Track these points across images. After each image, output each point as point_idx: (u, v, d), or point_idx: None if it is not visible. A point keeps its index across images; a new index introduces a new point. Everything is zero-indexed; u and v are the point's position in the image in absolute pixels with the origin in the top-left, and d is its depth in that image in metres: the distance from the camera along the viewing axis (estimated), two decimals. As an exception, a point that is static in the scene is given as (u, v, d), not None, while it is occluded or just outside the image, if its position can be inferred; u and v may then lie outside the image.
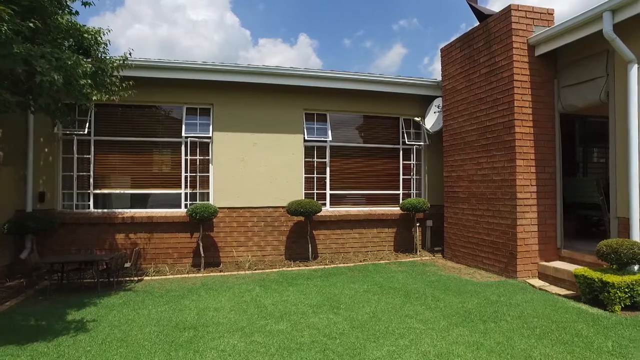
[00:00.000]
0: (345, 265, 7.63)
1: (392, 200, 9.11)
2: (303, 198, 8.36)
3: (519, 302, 5.01)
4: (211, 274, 7.05)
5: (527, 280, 6.06)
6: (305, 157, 8.60)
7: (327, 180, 8.75)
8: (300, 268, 7.43)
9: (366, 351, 3.66)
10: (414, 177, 9.21)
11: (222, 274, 7.07)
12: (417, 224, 8.84)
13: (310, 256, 7.98)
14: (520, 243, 6.17)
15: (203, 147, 8.08)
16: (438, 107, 8.57)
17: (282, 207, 8.10)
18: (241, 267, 7.53)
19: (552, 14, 6.49)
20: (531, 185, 6.24)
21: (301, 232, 8.20)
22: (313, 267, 7.44)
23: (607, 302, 4.70)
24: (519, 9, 6.35)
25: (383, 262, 7.84)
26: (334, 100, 8.66)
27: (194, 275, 6.94)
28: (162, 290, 5.87)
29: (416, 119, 8.97)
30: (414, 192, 9.20)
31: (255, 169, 8.14)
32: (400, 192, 9.14)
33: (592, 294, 4.91)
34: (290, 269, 7.39)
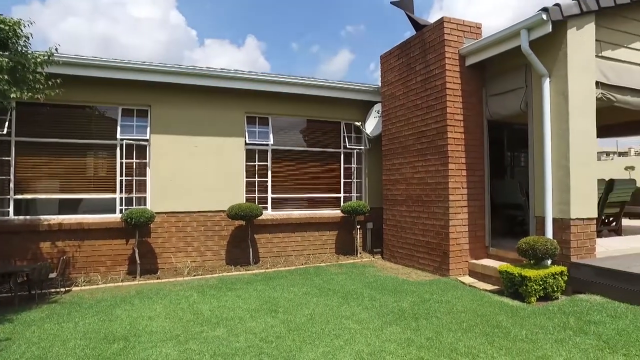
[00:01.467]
0: (287, 268, 7.64)
1: (334, 203, 9.26)
2: (244, 202, 8.29)
3: (449, 299, 5.28)
4: (148, 281, 6.79)
5: (458, 278, 6.40)
6: (246, 161, 8.53)
7: (269, 184, 8.73)
8: (240, 273, 7.34)
9: (302, 353, 3.70)
10: (355, 180, 9.43)
11: (159, 281, 6.83)
12: (358, 227, 9.05)
13: (251, 260, 7.91)
14: (453, 243, 6.51)
15: (140, 150, 7.77)
16: (378, 112, 8.84)
17: (223, 212, 7.98)
18: (180, 274, 7.32)
19: (480, 28, 6.93)
20: (462, 187, 6.61)
21: (242, 236, 8.12)
22: (254, 272, 7.39)
23: (525, 295, 5.08)
24: (451, 21, 6.72)
25: (324, 264, 7.95)
26: (276, 104, 8.67)
27: (128, 283, 6.65)
28: (92, 300, 5.57)
29: (356, 123, 9.19)
30: (355, 195, 9.41)
31: (196, 173, 7.95)
32: (342, 195, 9.32)
33: (513, 287, 5.28)
34: (230, 273, 7.29)
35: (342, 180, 9.35)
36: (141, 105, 7.74)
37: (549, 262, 5.48)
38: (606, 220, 8.27)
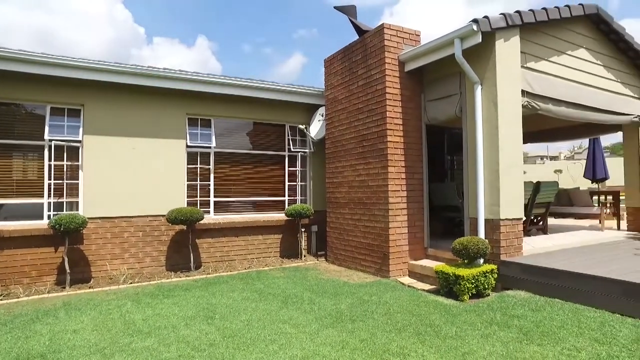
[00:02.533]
0: (229, 273, 7.49)
1: (279, 206, 9.20)
2: (185, 206, 8.05)
3: (387, 300, 5.38)
4: (78, 291, 6.40)
5: (398, 279, 6.55)
6: (188, 164, 8.29)
7: (211, 188, 8.53)
8: (180, 279, 7.10)
9: (234, 360, 3.62)
10: (300, 183, 9.43)
11: (91, 290, 6.45)
12: (303, 230, 9.05)
13: (192, 266, 7.68)
14: (392, 244, 6.66)
15: (72, 151, 7.33)
16: (322, 115, 8.90)
17: (163, 216, 7.69)
18: (115, 282, 6.96)
19: (419, 35, 7.16)
20: (401, 190, 6.78)
21: (183, 241, 7.87)
22: (194, 277, 7.17)
23: (459, 293, 5.28)
24: (391, 27, 6.89)
25: (267, 268, 7.86)
26: (220, 106, 8.50)
27: (55, 294, 6.23)
28: (9, 316, 5.14)
29: (300, 126, 9.19)
30: (300, 198, 9.41)
31: (133, 176, 7.61)
32: (286, 198, 9.28)
33: (448, 287, 5.48)
34: (170, 280, 7.04)
35: (287, 184, 9.31)
36: (73, 104, 7.31)
37: (482, 261, 5.74)
38: (534, 220, 8.81)
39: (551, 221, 11.08)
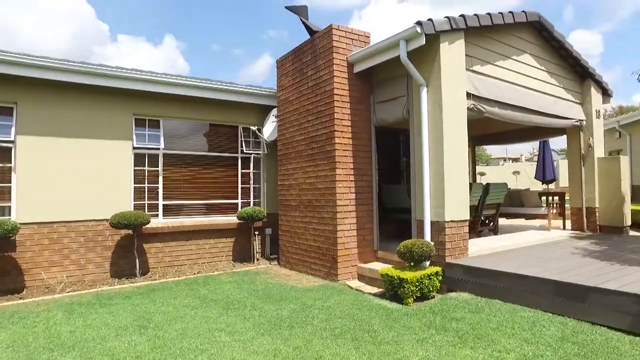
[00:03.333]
0: (176, 279, 7.22)
1: (232, 209, 8.98)
2: (132, 209, 7.73)
3: (331, 305, 5.29)
4: (7, 303, 5.97)
5: (347, 283, 6.49)
6: (135, 166, 7.96)
7: (160, 190, 8.23)
8: (123, 286, 6.78)
9: (158, 374, 3.42)
10: (253, 185, 9.24)
11: (21, 301, 6.04)
12: (256, 233, 8.88)
13: (138, 272, 7.36)
14: (341, 247, 6.59)
15: (4, 152, 6.88)
16: (275, 116, 8.75)
17: (107, 220, 7.34)
18: (52, 291, 6.57)
19: (368, 37, 7.14)
20: (350, 193, 6.73)
21: (130, 246, 7.54)
22: (138, 284, 6.87)
23: (403, 296, 5.25)
24: (340, 28, 6.84)
25: (217, 273, 7.64)
26: (169, 106, 8.21)
27: (-21, 306, 5.80)
28: None
29: (252, 127, 9.01)
30: (253, 200, 9.22)
31: (74, 179, 7.22)
32: (239, 201, 9.08)
33: (393, 290, 5.44)
34: (111, 287, 6.70)
35: (240, 186, 9.11)
36: (4, 102, 6.86)
37: (428, 263, 5.75)
38: (486, 221, 8.98)
39: (503, 222, 11.37)
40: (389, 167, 11.05)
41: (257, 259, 8.84)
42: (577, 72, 8.77)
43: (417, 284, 5.27)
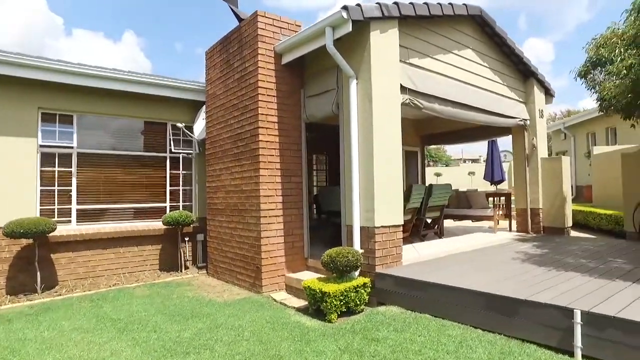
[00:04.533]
0: (84, 293, 6.39)
1: (161, 213, 8.18)
2: (38, 215, 6.84)
3: (243, 324, 4.65)
4: None
5: (272, 295, 5.87)
6: (43, 166, 7.05)
7: (74, 194, 7.35)
8: (15, 305, 5.90)
9: None
10: (183, 188, 8.48)
11: None
12: (187, 239, 8.14)
13: (39, 287, 6.46)
14: (265, 256, 5.97)
15: None
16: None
17: (2, 228, 6.41)
18: None
19: (299, 26, 6.55)
20: (277, 195, 6.12)
21: (32, 257, 6.62)
22: (35, 302, 6.00)
23: (326, 312, 4.69)
24: (266, 15, 6.22)
25: (134, 285, 6.86)
26: (85, 100, 7.34)
27: None
28: None
29: (179, 124, 8.23)
30: (183, 204, 8.46)
31: (-43, 181, 6.26)
32: (168, 204, 8.29)
33: (316, 304, 4.88)
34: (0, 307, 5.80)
35: (169, 188, 8.33)
36: None
37: (356, 273, 5.23)
38: (431, 224, 8.61)
39: (451, 224, 11.11)
40: (331, 167, 10.56)
41: (188, 267, 8.10)
42: (520, 71, 8.54)
43: (341, 297, 4.72)
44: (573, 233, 9.03)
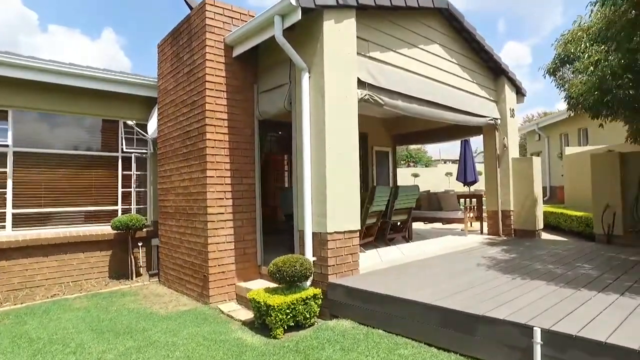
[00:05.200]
0: (11, 307, 5.81)
1: (112, 217, 7.60)
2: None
3: (177, 341, 4.18)
4: None
5: (219, 306, 5.40)
6: (-28, 166, 6.46)
7: (9, 197, 6.75)
8: None
9: None
10: (136, 189, 7.93)
11: None
12: (140, 244, 7.61)
13: (-38, 301, 5.87)
14: (213, 264, 5.50)
15: None
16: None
17: None
18: None
19: (253, 16, 6.09)
20: (226, 198, 5.65)
21: (-45, 268, 6.02)
22: (-46, 318, 5.39)
23: (272, 326, 4.26)
24: (215, 4, 5.75)
25: (74, 296, 6.31)
26: (23, 94, 6.75)
27: None
28: None
29: (130, 122, 7.68)
30: (136, 207, 7.91)
31: None
32: (119, 207, 7.74)
33: (262, 318, 4.43)
34: None
35: (121, 190, 7.77)
36: None
37: (308, 283, 4.82)
38: (400, 225, 8.24)
39: (422, 226, 10.80)
40: (289, 167, 10.12)
41: (140, 274, 7.56)
42: (490, 68, 8.26)
43: (287, 311, 4.29)
44: (544, 235, 8.80)
